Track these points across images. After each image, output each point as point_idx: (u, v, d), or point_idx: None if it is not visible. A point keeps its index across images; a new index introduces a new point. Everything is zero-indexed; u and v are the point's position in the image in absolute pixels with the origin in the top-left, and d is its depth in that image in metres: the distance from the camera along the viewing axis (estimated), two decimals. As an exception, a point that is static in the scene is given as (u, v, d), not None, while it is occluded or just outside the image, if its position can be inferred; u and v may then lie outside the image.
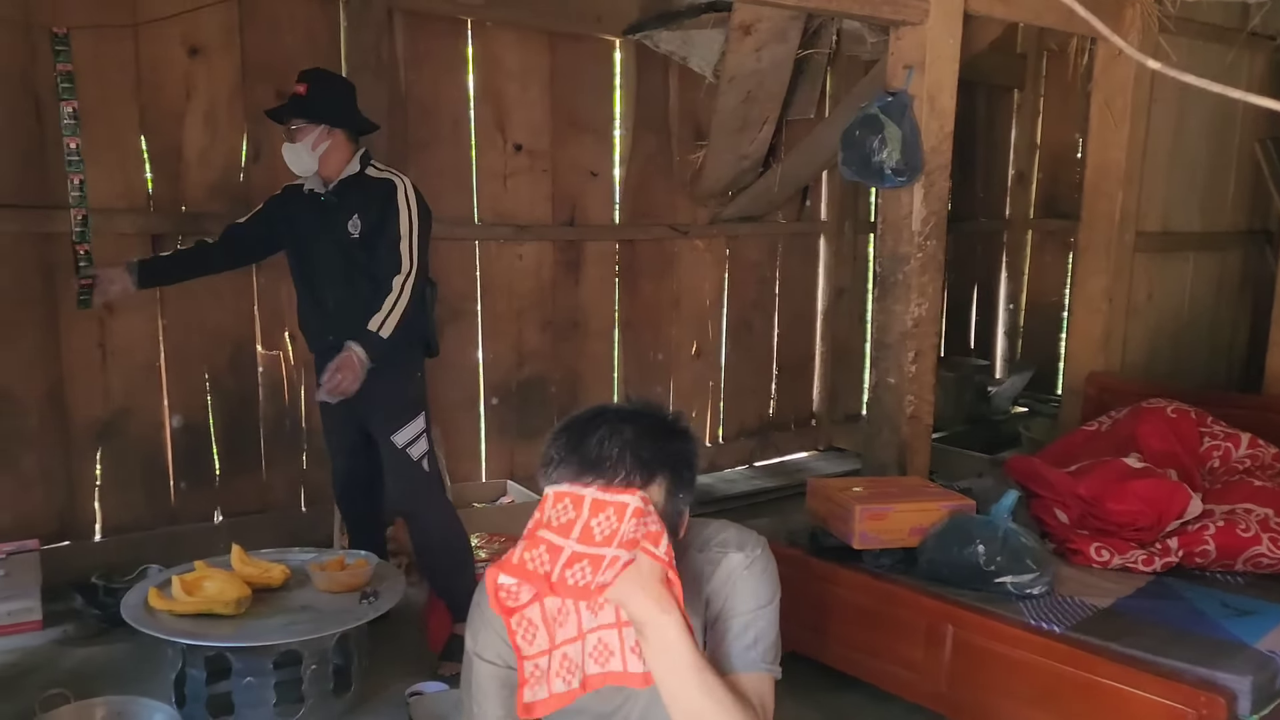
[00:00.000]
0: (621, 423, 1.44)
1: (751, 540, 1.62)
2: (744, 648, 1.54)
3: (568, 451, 1.42)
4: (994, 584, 2.70)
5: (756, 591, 1.57)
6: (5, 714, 2.67)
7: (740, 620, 1.56)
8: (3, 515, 3.44)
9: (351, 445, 3.24)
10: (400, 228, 2.96)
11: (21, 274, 3.42)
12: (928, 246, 3.55)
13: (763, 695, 1.53)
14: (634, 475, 1.40)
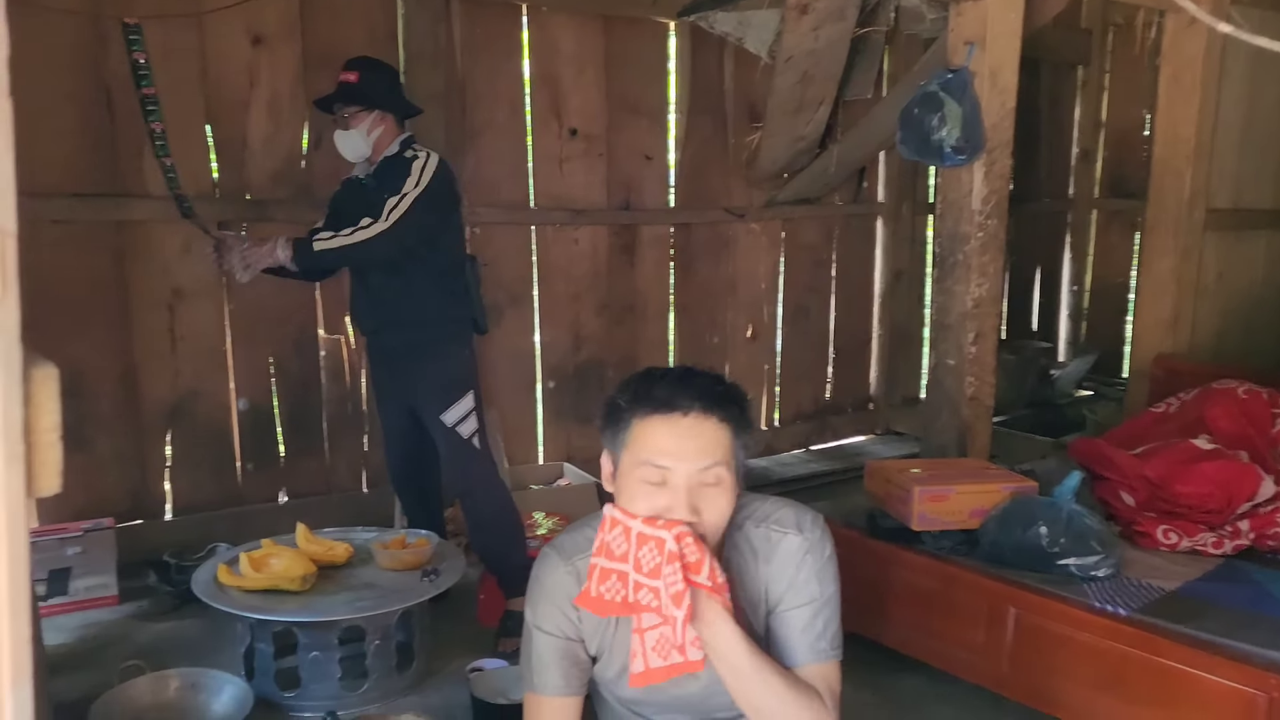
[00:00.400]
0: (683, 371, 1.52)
1: (809, 520, 1.62)
2: (814, 638, 1.55)
3: (637, 397, 1.48)
4: (1057, 566, 2.66)
5: (821, 578, 1.58)
6: (85, 684, 2.76)
7: (809, 610, 1.56)
8: (79, 494, 3.55)
9: (402, 427, 3.28)
10: (401, 187, 2.94)
11: (93, 261, 3.52)
12: (989, 226, 3.49)
13: (831, 682, 1.55)
14: (709, 408, 1.46)
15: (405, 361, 3.12)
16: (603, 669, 1.62)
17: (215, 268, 3.23)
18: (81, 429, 3.53)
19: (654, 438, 1.47)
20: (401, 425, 3.27)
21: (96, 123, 3.45)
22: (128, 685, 2.68)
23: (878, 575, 2.91)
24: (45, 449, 0.77)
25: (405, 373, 3.14)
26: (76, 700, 2.60)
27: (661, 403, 1.47)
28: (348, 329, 4.04)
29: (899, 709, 2.79)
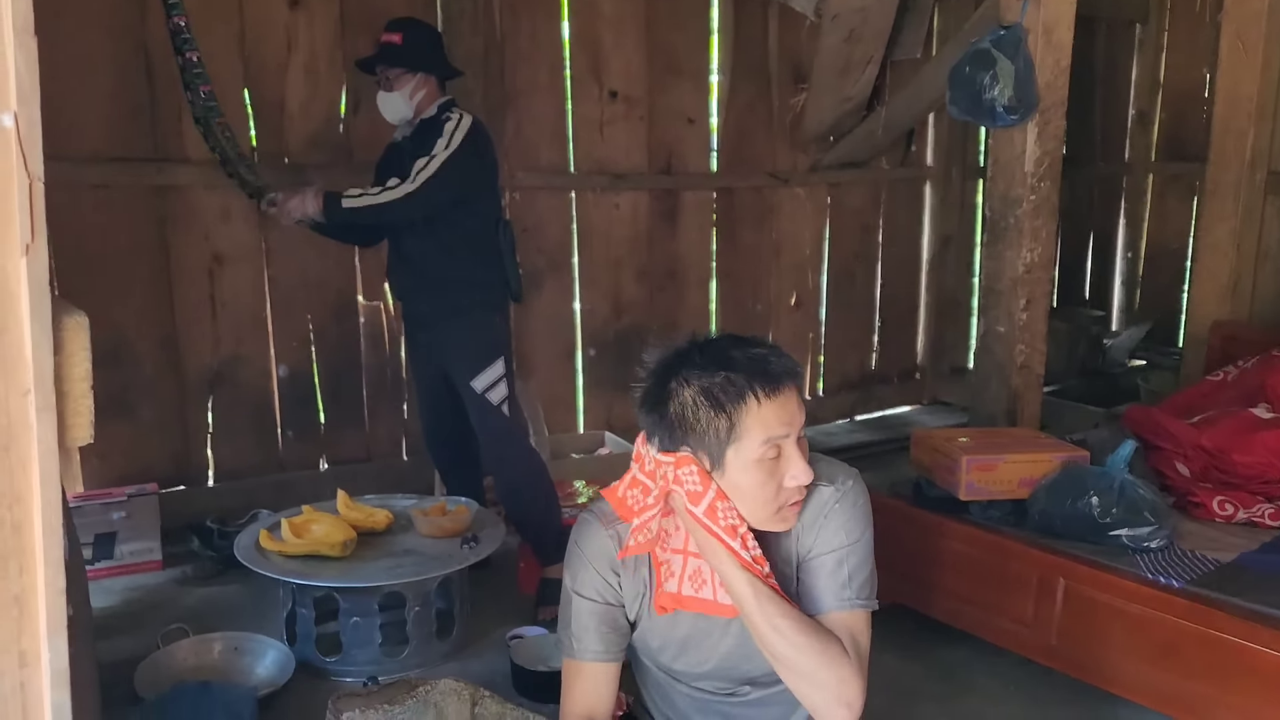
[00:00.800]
0: (743, 343, 1.53)
1: (842, 472, 1.60)
2: (838, 586, 1.53)
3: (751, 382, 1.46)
4: (1109, 537, 2.59)
5: (848, 526, 1.55)
6: (131, 646, 2.79)
7: (833, 557, 1.54)
8: (123, 460, 3.59)
9: (436, 392, 3.27)
10: (431, 148, 2.91)
11: (134, 227, 3.52)
12: (1041, 188, 3.39)
13: (855, 632, 1.52)
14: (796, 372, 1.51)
15: (437, 326, 3.11)
16: (642, 634, 1.60)
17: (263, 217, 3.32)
18: (125, 395, 3.56)
19: (771, 417, 1.46)
20: (435, 390, 3.26)
21: (136, 87, 3.45)
22: (172, 648, 2.71)
23: (924, 546, 2.86)
24: (78, 399, 0.76)
25: (437, 337, 3.13)
26: (122, 661, 2.63)
27: (770, 388, 1.47)
28: (387, 296, 4.03)
29: (946, 680, 2.75)
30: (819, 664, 1.44)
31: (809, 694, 1.47)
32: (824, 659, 1.45)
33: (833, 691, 1.45)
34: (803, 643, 1.44)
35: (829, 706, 1.46)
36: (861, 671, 1.49)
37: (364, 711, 1.96)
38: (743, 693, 1.62)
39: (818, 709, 1.48)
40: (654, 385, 1.52)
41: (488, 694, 2.13)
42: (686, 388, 1.48)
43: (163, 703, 2.26)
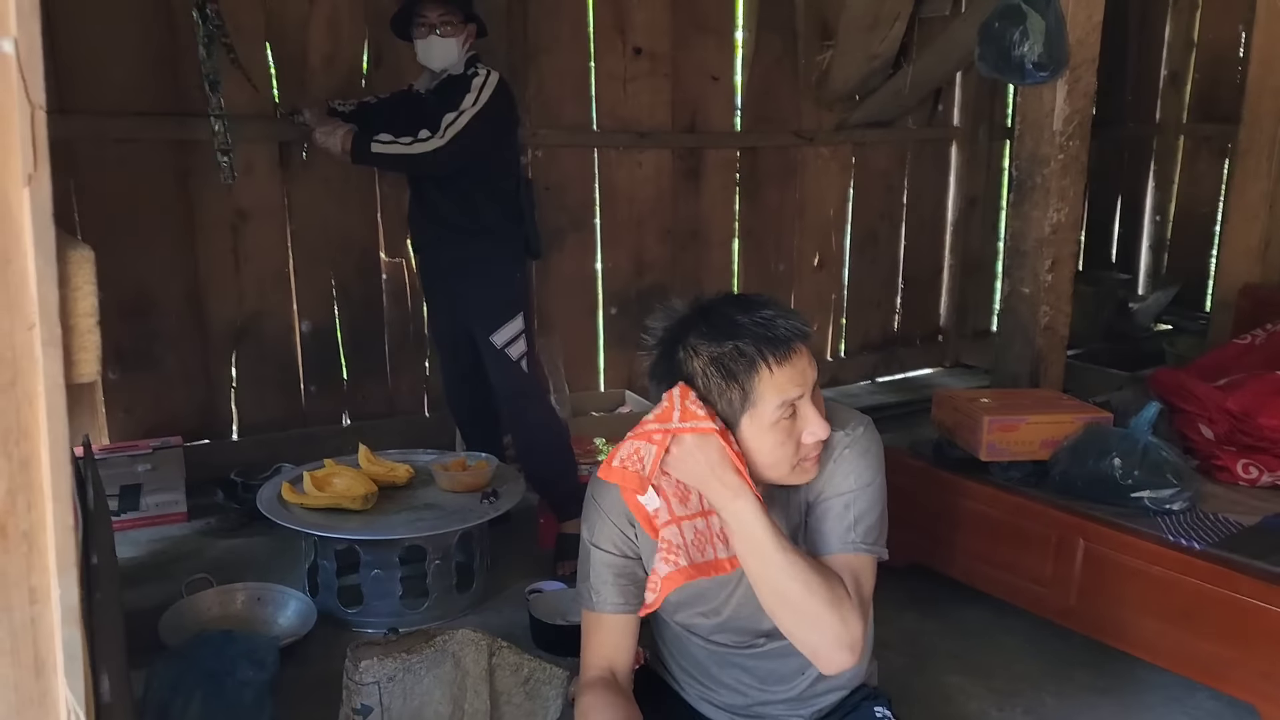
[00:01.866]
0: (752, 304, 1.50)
1: (854, 418, 1.59)
2: (844, 529, 1.52)
3: (762, 349, 1.45)
4: (1130, 499, 2.58)
5: (857, 470, 1.54)
6: (156, 595, 2.84)
7: (840, 500, 1.53)
8: (148, 413, 3.62)
9: (454, 345, 3.29)
10: (459, 104, 2.93)
11: (158, 181, 3.53)
12: (1070, 147, 3.34)
13: (859, 575, 1.50)
14: (805, 332, 1.48)
15: (456, 278, 3.14)
16: (658, 586, 1.61)
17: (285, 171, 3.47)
18: (150, 348, 3.59)
19: (783, 381, 1.45)
20: (454, 343, 3.29)
21: (158, 40, 3.43)
22: (196, 597, 2.75)
23: (944, 506, 2.85)
24: (84, 333, 0.76)
25: (457, 290, 3.16)
26: (147, 610, 2.67)
27: (780, 355, 1.45)
28: (409, 252, 4.02)
29: (964, 640, 2.75)
30: (825, 603, 1.42)
31: (809, 637, 1.44)
32: (830, 600, 1.42)
33: (834, 633, 1.42)
34: (813, 582, 1.42)
35: (830, 649, 1.43)
36: (864, 615, 1.47)
37: (382, 660, 1.99)
38: (759, 644, 1.62)
39: (819, 652, 1.45)
40: (661, 356, 1.51)
41: (505, 644, 2.16)
42: (695, 358, 1.47)
43: (187, 650, 2.30)
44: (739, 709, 1.69)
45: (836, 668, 1.47)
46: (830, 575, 1.46)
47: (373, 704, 1.97)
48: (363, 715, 1.97)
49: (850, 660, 1.45)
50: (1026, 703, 2.49)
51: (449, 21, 3.01)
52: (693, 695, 1.74)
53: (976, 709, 2.47)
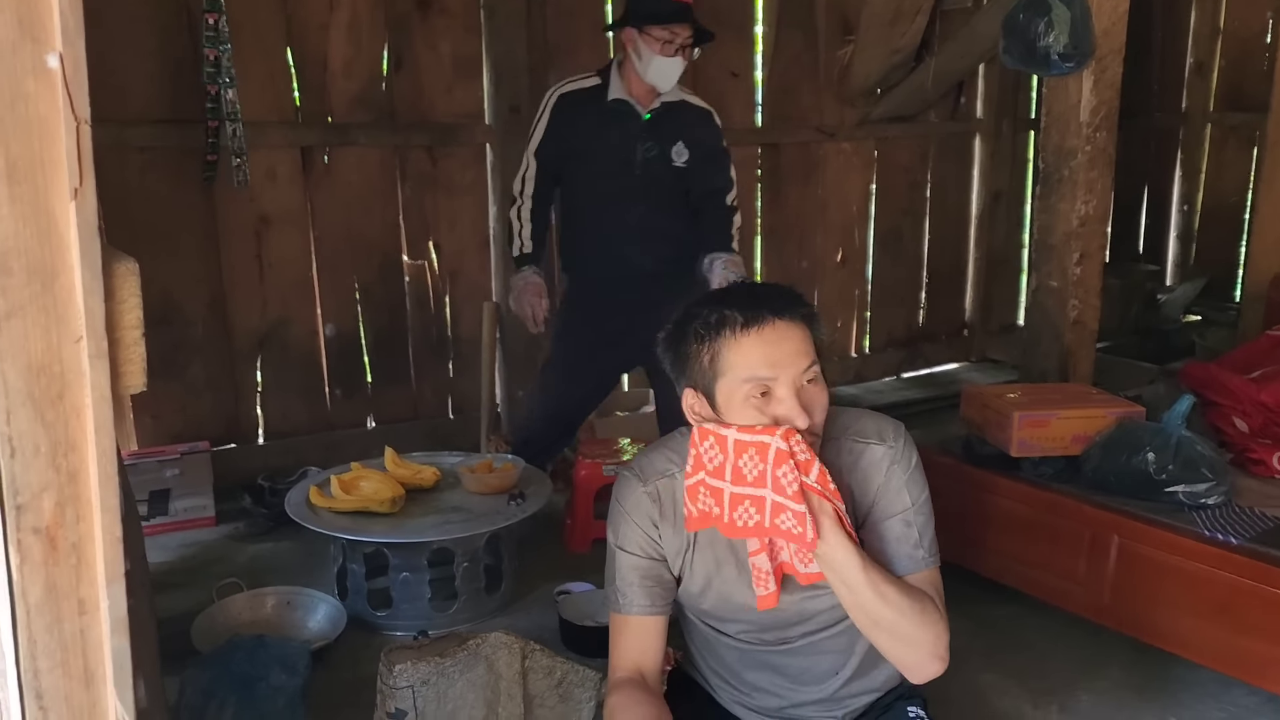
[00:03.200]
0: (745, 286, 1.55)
1: (891, 429, 1.57)
2: (911, 548, 1.52)
3: (717, 322, 1.44)
4: (1165, 494, 2.55)
5: (910, 487, 1.54)
6: (186, 600, 2.85)
7: (901, 519, 1.52)
8: (175, 419, 3.64)
9: (600, 380, 3.28)
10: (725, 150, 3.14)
11: (182, 187, 3.54)
12: (1097, 139, 3.30)
13: (937, 588, 1.52)
14: (788, 310, 1.43)
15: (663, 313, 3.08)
16: (686, 587, 1.60)
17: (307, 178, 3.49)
18: (175, 355, 3.61)
19: (750, 353, 1.42)
20: (602, 377, 3.29)
21: (179, 48, 3.45)
22: (227, 602, 2.76)
23: (974, 503, 2.83)
24: (129, 345, 0.76)
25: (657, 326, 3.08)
26: (179, 615, 2.68)
27: (746, 318, 1.43)
28: (432, 254, 4.03)
29: (996, 639, 2.73)
30: (918, 624, 1.44)
31: (905, 653, 1.48)
32: (923, 619, 1.45)
33: (929, 649, 1.46)
34: (906, 606, 1.43)
35: (924, 662, 1.47)
36: (947, 621, 1.50)
37: (416, 664, 1.99)
38: (790, 640, 1.61)
39: (912, 667, 1.49)
40: (673, 328, 1.53)
41: (538, 647, 2.15)
42: (689, 323, 1.49)
43: (219, 655, 2.30)
44: (772, 711, 1.68)
45: (927, 678, 1.51)
46: (917, 593, 1.47)
47: (407, 708, 1.97)
48: (397, 719, 1.97)
49: (940, 669, 1.49)
50: (1061, 700, 2.47)
51: (691, 44, 2.94)
52: (725, 698, 1.72)
53: (1011, 707, 2.45)
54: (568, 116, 3.04)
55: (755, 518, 1.36)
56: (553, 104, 3.07)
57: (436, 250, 4.03)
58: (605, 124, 3.01)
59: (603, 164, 3.04)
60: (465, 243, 4.09)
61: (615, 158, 2.99)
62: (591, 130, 3.01)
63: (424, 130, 3.90)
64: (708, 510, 1.40)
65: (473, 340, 4.11)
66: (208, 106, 3.28)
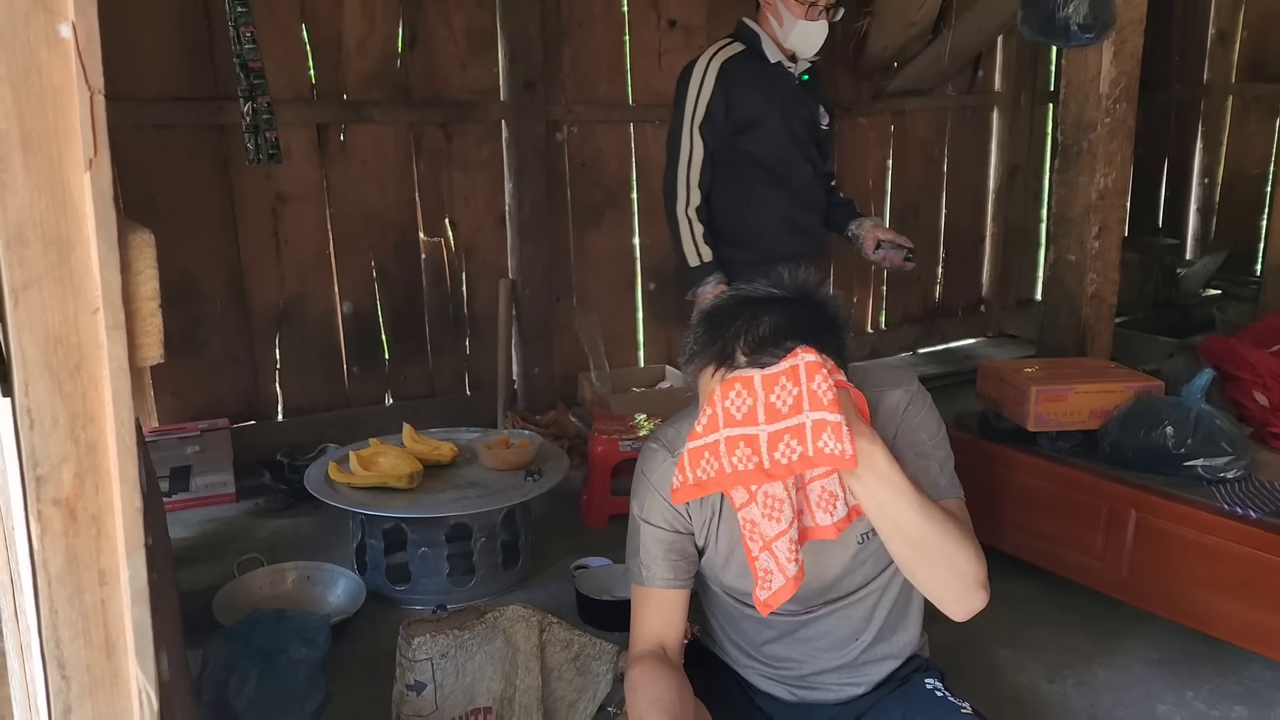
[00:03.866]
0: (758, 307, 1.41)
1: (905, 376, 1.60)
2: (934, 476, 1.52)
3: (704, 344, 1.42)
4: (1183, 468, 2.53)
5: (926, 424, 1.55)
6: (208, 575, 2.88)
7: (918, 453, 1.52)
8: (195, 396, 3.67)
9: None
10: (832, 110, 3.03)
11: (199, 166, 3.55)
12: (1117, 111, 3.26)
13: (965, 517, 1.52)
14: (772, 357, 1.35)
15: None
16: (709, 558, 1.61)
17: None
18: (195, 332, 3.63)
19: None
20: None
21: (195, 26, 3.45)
22: (248, 577, 2.79)
23: (991, 478, 2.82)
24: (146, 317, 0.76)
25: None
26: (201, 590, 2.71)
27: (712, 357, 1.40)
28: (448, 231, 4.03)
29: (1013, 613, 2.73)
30: (959, 543, 1.40)
31: (948, 579, 1.42)
32: (963, 538, 1.41)
33: (972, 571, 1.41)
34: (947, 522, 1.39)
35: (969, 590, 1.42)
36: (983, 555, 1.46)
37: (434, 636, 2.00)
38: (815, 607, 1.61)
39: (959, 595, 1.43)
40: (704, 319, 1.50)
41: (555, 620, 2.17)
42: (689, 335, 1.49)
43: (241, 629, 2.33)
44: (791, 680, 1.69)
45: (970, 610, 1.45)
46: (956, 518, 1.44)
47: (426, 680, 1.99)
48: (416, 691, 1.99)
49: (984, 599, 1.43)
50: (1078, 675, 2.47)
51: (835, 3, 2.81)
52: (746, 670, 1.73)
53: (1027, 681, 2.45)
54: (735, 83, 2.81)
55: (798, 449, 1.29)
56: (716, 71, 2.82)
57: (452, 227, 4.03)
58: (772, 89, 2.85)
59: (773, 133, 2.86)
60: (481, 219, 4.08)
61: (784, 125, 2.85)
62: (761, 96, 2.83)
63: (439, 107, 3.89)
64: (745, 466, 1.33)
65: (489, 317, 4.12)
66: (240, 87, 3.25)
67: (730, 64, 2.81)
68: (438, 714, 2.01)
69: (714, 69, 2.82)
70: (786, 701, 1.70)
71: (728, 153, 2.84)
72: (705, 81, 2.81)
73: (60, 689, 0.79)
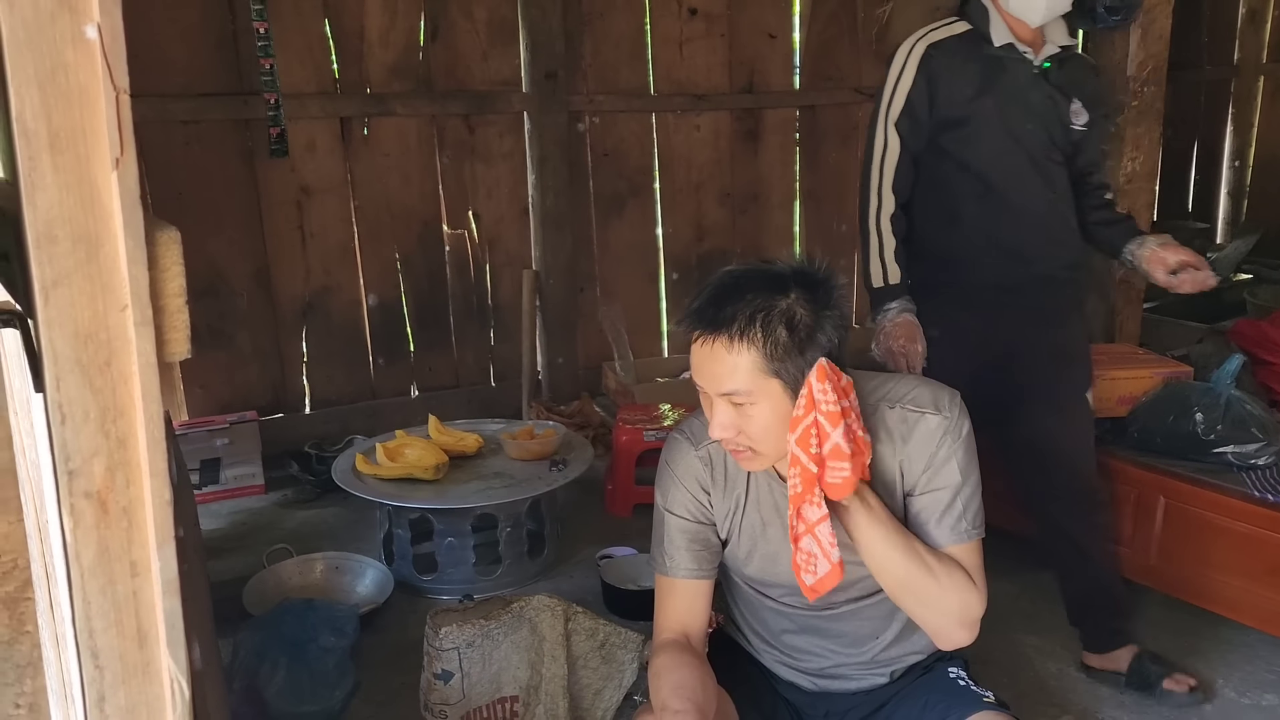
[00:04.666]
0: (742, 279, 1.44)
1: (945, 398, 1.55)
2: (954, 520, 1.51)
3: (684, 312, 1.47)
4: (1213, 454, 2.51)
5: (961, 462, 1.52)
6: (238, 565, 2.92)
7: (947, 493, 1.51)
8: (224, 389, 3.71)
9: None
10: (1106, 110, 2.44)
11: (225, 160, 3.58)
12: (1144, 94, 3.23)
13: (974, 561, 1.52)
14: (723, 328, 1.40)
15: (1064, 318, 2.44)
16: (732, 550, 1.61)
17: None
18: (223, 326, 3.66)
19: (691, 354, 1.47)
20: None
21: (219, 21, 3.47)
22: (277, 567, 2.82)
23: (1017, 465, 2.80)
24: (173, 313, 0.77)
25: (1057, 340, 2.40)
26: (231, 580, 2.74)
27: (689, 315, 1.46)
28: (471, 223, 4.05)
29: (1040, 602, 2.71)
30: (944, 591, 1.46)
31: (931, 618, 1.49)
32: (954, 589, 1.46)
33: (956, 615, 1.47)
34: (936, 567, 1.46)
35: (952, 629, 1.49)
36: (984, 596, 1.50)
37: (461, 626, 2.02)
38: (836, 604, 1.61)
39: (940, 632, 1.50)
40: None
41: (580, 610, 2.18)
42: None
43: (271, 619, 2.35)
44: (815, 671, 1.69)
45: (954, 645, 1.53)
46: (949, 563, 1.48)
47: (453, 669, 2.00)
48: (444, 680, 2.01)
49: (968, 638, 1.50)
50: (1107, 663, 2.45)
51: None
52: (767, 658, 1.74)
53: (1055, 668, 2.44)
54: (943, 71, 2.28)
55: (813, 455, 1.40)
56: (919, 56, 2.29)
57: (475, 218, 4.05)
58: (993, 79, 2.28)
59: (992, 133, 2.29)
60: (504, 211, 4.10)
61: (1003, 124, 2.28)
62: (976, 88, 2.27)
63: (461, 99, 3.90)
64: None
65: (513, 308, 4.13)
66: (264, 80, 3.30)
67: (938, 47, 2.29)
68: (465, 702, 2.03)
69: (917, 53, 2.29)
70: (808, 691, 1.70)
71: (931, 155, 2.33)
72: (906, 67, 2.30)
73: (94, 678, 0.81)
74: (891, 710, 1.65)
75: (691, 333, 1.45)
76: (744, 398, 1.41)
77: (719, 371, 1.41)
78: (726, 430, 1.44)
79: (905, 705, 1.64)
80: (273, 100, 3.22)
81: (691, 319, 1.44)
